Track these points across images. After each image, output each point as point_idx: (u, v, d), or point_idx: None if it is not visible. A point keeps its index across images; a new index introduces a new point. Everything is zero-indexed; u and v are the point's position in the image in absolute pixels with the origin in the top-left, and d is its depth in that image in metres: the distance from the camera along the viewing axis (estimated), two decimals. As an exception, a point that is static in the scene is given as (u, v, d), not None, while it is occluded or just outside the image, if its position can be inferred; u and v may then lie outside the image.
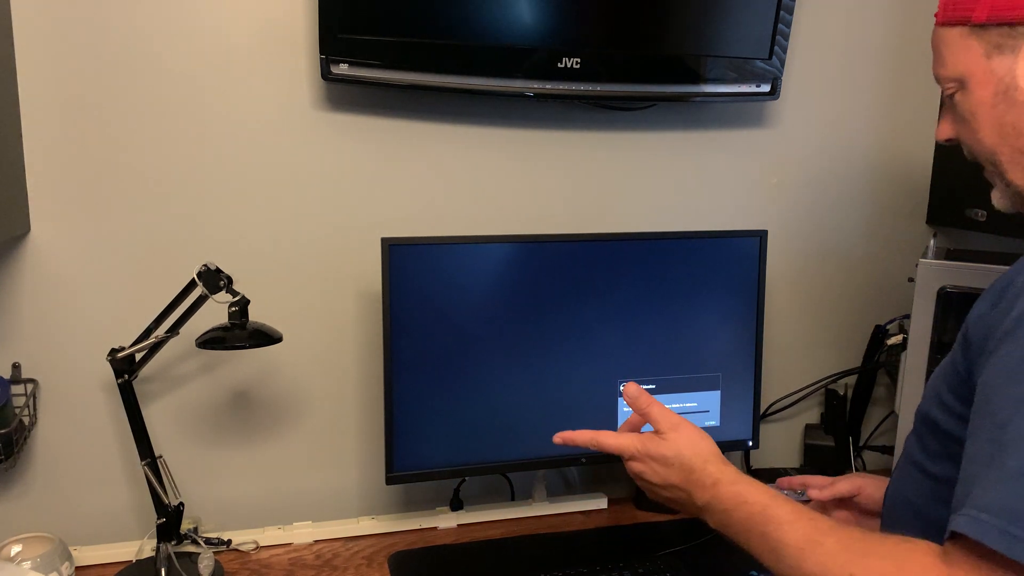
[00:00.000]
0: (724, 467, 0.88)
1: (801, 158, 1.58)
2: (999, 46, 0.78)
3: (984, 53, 0.79)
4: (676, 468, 0.90)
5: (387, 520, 1.38)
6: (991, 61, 0.79)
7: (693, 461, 0.89)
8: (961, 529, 0.65)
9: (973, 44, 0.80)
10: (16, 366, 1.24)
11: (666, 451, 0.90)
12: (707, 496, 0.87)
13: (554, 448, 1.32)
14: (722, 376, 1.40)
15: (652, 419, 0.94)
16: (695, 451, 0.90)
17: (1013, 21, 0.76)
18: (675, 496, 0.91)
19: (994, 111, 0.79)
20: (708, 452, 0.90)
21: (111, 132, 1.23)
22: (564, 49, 1.29)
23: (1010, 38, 0.77)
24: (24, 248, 1.23)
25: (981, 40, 0.79)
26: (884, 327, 1.60)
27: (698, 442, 0.91)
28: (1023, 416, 0.65)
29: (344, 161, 1.34)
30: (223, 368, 1.34)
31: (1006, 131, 0.79)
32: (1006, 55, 0.78)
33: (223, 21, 1.25)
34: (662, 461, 0.91)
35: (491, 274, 1.27)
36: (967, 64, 0.81)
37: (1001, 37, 0.77)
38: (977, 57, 0.80)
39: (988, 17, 0.78)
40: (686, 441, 0.91)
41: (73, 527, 1.28)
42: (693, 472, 0.89)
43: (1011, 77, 0.77)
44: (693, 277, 1.35)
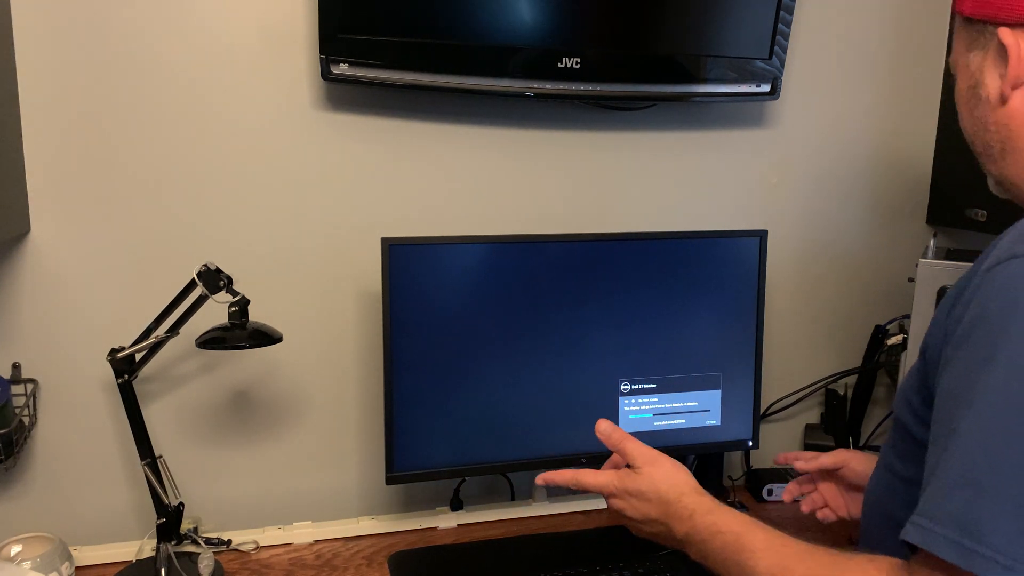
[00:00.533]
0: (700, 498, 0.89)
1: (801, 158, 1.58)
2: (975, 41, 0.80)
3: (966, 46, 0.82)
4: (654, 502, 0.91)
5: (387, 520, 1.38)
6: (968, 55, 0.81)
7: (669, 494, 0.90)
8: (912, 539, 0.66)
9: (962, 35, 0.83)
10: (16, 366, 1.24)
11: (643, 486, 0.92)
12: (685, 528, 0.88)
13: (554, 448, 1.34)
14: (723, 375, 1.40)
15: (627, 455, 0.95)
16: (671, 484, 0.91)
17: (985, 19, 0.78)
18: (656, 531, 0.92)
19: (967, 104, 0.83)
20: (684, 484, 0.91)
21: (111, 132, 1.23)
22: (564, 49, 1.29)
23: (982, 35, 0.79)
24: (24, 248, 1.23)
25: (966, 33, 0.82)
26: (884, 327, 1.60)
27: (674, 475, 0.92)
28: (972, 423, 0.65)
29: (344, 161, 1.34)
30: (223, 368, 1.34)
31: (976, 124, 0.82)
32: (978, 52, 0.80)
33: (223, 21, 1.25)
34: (639, 496, 0.92)
35: (491, 274, 1.27)
36: (956, 54, 0.84)
37: (977, 33, 0.80)
38: (962, 48, 0.83)
39: (971, 11, 0.80)
40: (662, 475, 0.92)
41: (73, 527, 1.28)
42: (670, 505, 0.90)
43: (980, 74, 0.80)
44: (693, 277, 1.35)
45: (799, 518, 1.46)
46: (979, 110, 0.81)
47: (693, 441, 1.40)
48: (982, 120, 0.81)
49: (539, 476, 1.01)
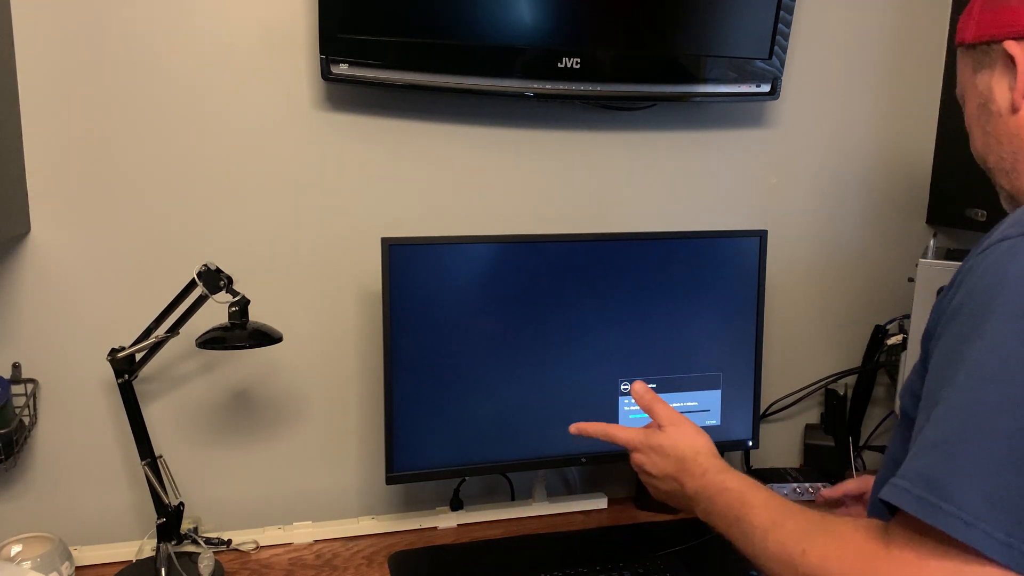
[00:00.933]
0: (714, 460, 0.95)
1: (801, 158, 1.58)
2: (981, 63, 0.85)
3: (972, 70, 0.87)
4: (672, 459, 0.97)
5: (387, 520, 1.38)
6: (976, 77, 0.86)
7: (686, 452, 0.96)
8: (886, 497, 0.68)
9: (966, 62, 0.88)
10: (16, 366, 1.24)
11: (663, 442, 0.98)
12: (696, 484, 0.93)
13: (554, 448, 1.34)
14: (723, 375, 1.40)
15: (655, 414, 1.02)
16: (689, 443, 0.97)
17: (989, 39, 0.84)
18: (670, 488, 0.98)
19: (979, 122, 0.87)
20: (702, 446, 0.97)
21: (111, 132, 1.23)
22: (564, 49, 1.29)
23: (987, 55, 0.84)
24: (24, 248, 1.23)
25: (970, 58, 0.87)
26: (884, 327, 1.60)
27: (694, 436, 0.98)
28: (951, 393, 0.67)
29: (344, 161, 1.34)
30: (223, 368, 1.34)
31: (989, 140, 0.86)
32: (985, 71, 0.85)
33: (223, 21, 1.25)
34: (659, 451, 0.98)
35: (491, 274, 1.27)
36: (963, 81, 0.89)
37: (982, 55, 0.85)
38: (969, 73, 0.88)
39: (974, 37, 0.85)
40: (682, 434, 0.99)
41: (73, 527, 1.29)
42: (685, 462, 0.96)
43: (988, 91, 0.85)
44: (693, 277, 1.35)
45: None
46: (990, 125, 0.85)
47: (693, 441, 1.39)
48: (994, 134, 0.85)
49: (572, 425, 1.07)
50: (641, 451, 1.01)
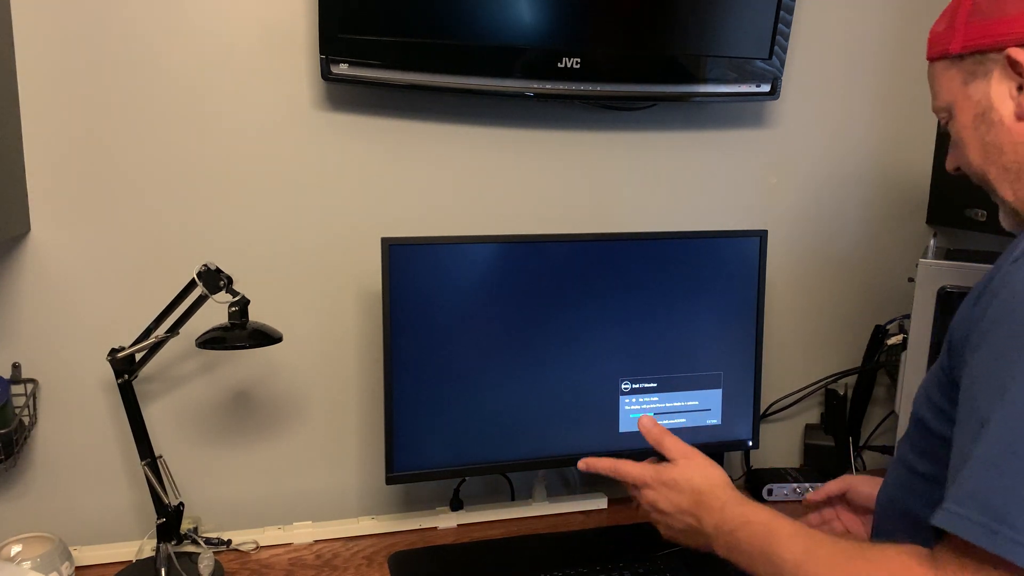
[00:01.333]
0: (732, 492, 0.92)
1: (801, 158, 1.58)
2: (973, 73, 0.84)
3: (962, 81, 0.85)
4: (687, 493, 0.94)
5: (387, 520, 1.38)
6: (968, 87, 0.85)
7: (702, 485, 0.93)
8: (940, 524, 0.67)
9: (954, 74, 0.86)
10: (16, 366, 1.24)
11: (677, 476, 0.95)
12: (715, 519, 0.90)
13: (554, 448, 1.34)
14: (723, 375, 1.40)
15: (665, 449, 0.99)
16: (704, 476, 0.94)
17: (983, 48, 0.83)
18: (685, 525, 0.95)
19: (976, 133, 0.85)
20: (717, 478, 0.94)
21: (111, 132, 1.23)
22: (564, 49, 1.29)
23: (981, 64, 0.83)
24: (24, 248, 1.23)
25: (959, 69, 0.85)
26: (884, 327, 1.60)
27: (708, 469, 0.95)
28: (1003, 412, 0.66)
29: (344, 161, 1.34)
30: (223, 368, 1.34)
31: (989, 151, 0.84)
32: (980, 80, 0.84)
33: (223, 21, 1.25)
34: (673, 486, 0.95)
35: (491, 274, 1.27)
36: (951, 93, 0.87)
37: (974, 64, 0.84)
38: (958, 85, 0.86)
39: (962, 47, 0.84)
40: (696, 468, 0.95)
41: (73, 527, 1.29)
42: (703, 495, 0.93)
43: (987, 100, 0.83)
44: (693, 277, 1.35)
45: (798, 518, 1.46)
46: (991, 135, 0.83)
47: (694, 441, 1.38)
48: (996, 144, 0.83)
49: (581, 461, 1.05)
50: (653, 487, 0.96)
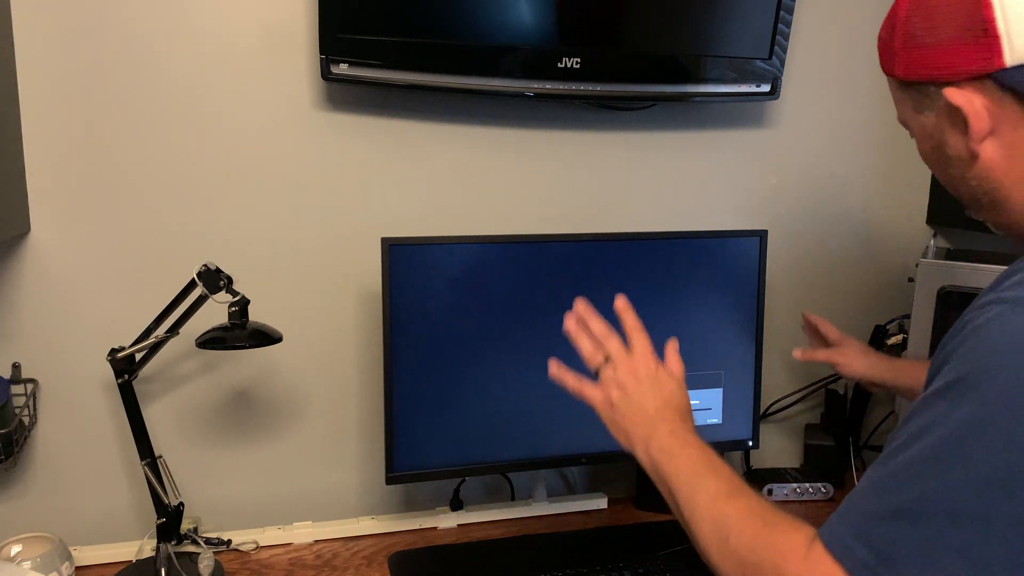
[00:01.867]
0: (690, 421, 0.94)
1: (801, 158, 1.58)
2: (921, 103, 0.77)
3: (913, 108, 0.78)
4: (666, 390, 0.94)
5: (387, 520, 1.38)
6: (919, 116, 0.78)
7: (681, 393, 0.95)
8: (824, 540, 0.70)
9: (904, 97, 0.79)
10: (16, 366, 1.24)
11: (671, 374, 0.97)
12: (671, 427, 0.91)
13: (554, 448, 1.34)
14: (724, 374, 1.40)
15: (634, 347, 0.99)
16: (683, 393, 0.96)
17: (924, 80, 0.75)
18: (638, 407, 0.93)
19: (937, 164, 0.80)
20: (687, 402, 0.96)
21: (111, 132, 1.23)
22: (564, 49, 1.29)
23: (927, 96, 0.76)
24: (24, 248, 1.23)
25: (908, 95, 0.78)
26: (884, 327, 1.60)
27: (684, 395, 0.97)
28: (917, 451, 0.66)
29: (344, 161, 1.34)
30: (223, 368, 1.34)
31: (955, 180, 0.79)
32: (929, 112, 0.76)
33: (223, 21, 1.25)
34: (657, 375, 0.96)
35: (491, 274, 1.27)
36: (905, 116, 0.81)
37: (921, 95, 0.76)
38: (910, 111, 0.79)
39: (904, 75, 0.77)
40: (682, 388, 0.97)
41: (73, 527, 1.29)
42: (676, 397, 0.94)
43: (940, 134, 0.76)
44: (693, 277, 1.35)
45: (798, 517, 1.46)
46: (953, 168, 0.78)
47: (693, 441, 1.39)
48: (960, 177, 0.78)
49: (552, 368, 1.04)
50: (634, 360, 0.97)
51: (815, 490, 1.53)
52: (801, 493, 1.53)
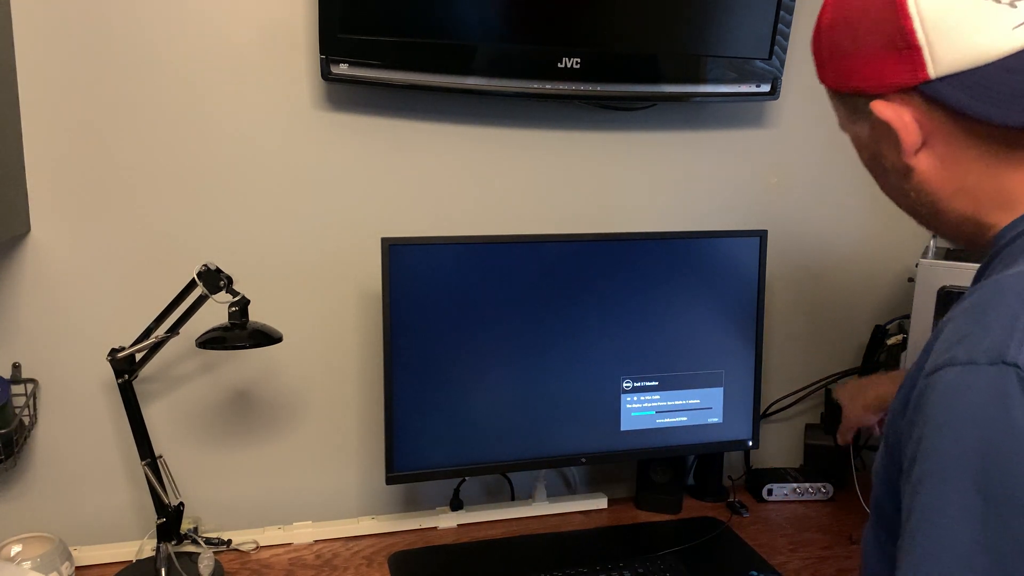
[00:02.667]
0: None
1: (801, 158, 1.58)
2: (854, 113, 0.74)
3: (848, 118, 0.76)
4: None
5: (387, 520, 1.38)
6: (855, 126, 0.76)
7: None
8: None
9: (839, 107, 0.77)
10: (16, 366, 1.24)
11: None
12: None
13: (554, 448, 1.34)
14: (724, 373, 1.40)
15: None
16: None
17: (852, 92, 0.72)
18: None
19: (876, 174, 0.78)
20: None
21: (111, 132, 1.23)
22: (564, 49, 1.29)
23: (858, 108, 0.73)
24: (24, 248, 1.23)
25: (843, 104, 0.76)
26: (884, 327, 1.60)
27: None
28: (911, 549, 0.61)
29: (344, 161, 1.34)
30: (223, 368, 1.34)
31: (895, 192, 0.77)
32: (863, 123, 0.74)
33: (223, 21, 1.25)
34: None
35: (491, 274, 1.27)
36: (842, 123, 0.78)
37: (853, 105, 0.74)
38: (846, 120, 0.77)
39: (834, 85, 0.74)
40: None
41: (73, 527, 1.29)
42: None
43: (875, 146, 0.74)
44: (693, 277, 1.35)
45: (798, 518, 1.47)
46: (891, 179, 0.75)
47: (695, 438, 1.40)
48: (898, 188, 0.76)
49: None
50: None
51: (815, 490, 1.53)
52: (801, 493, 1.53)
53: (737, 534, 1.38)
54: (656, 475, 1.47)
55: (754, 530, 1.40)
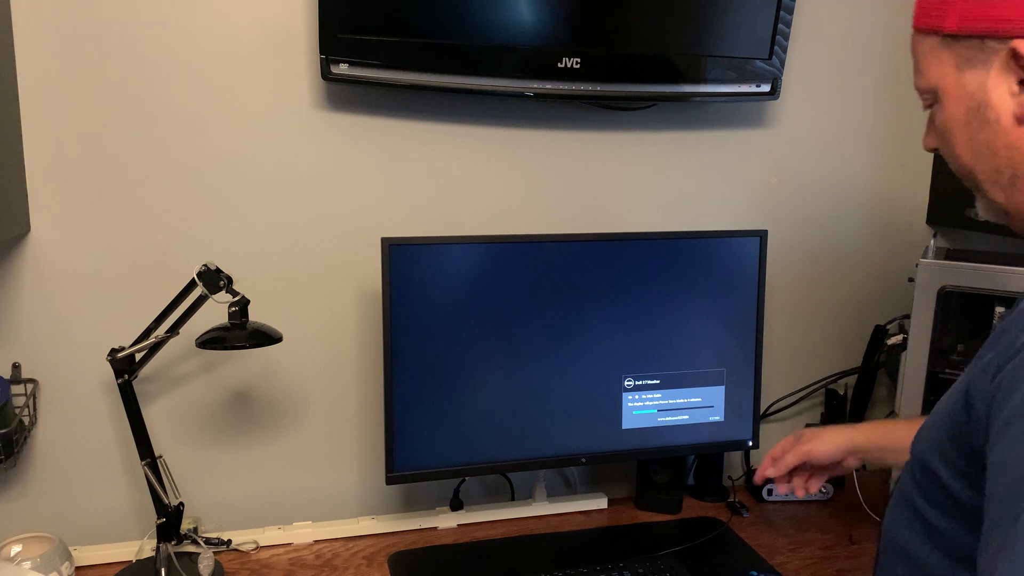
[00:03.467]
0: None
1: (801, 158, 1.58)
2: (970, 60, 0.72)
3: (956, 66, 0.73)
4: None
5: (387, 520, 1.38)
6: (962, 75, 0.73)
7: None
8: None
9: (945, 56, 0.74)
10: (16, 366, 1.24)
11: None
12: None
13: (554, 448, 1.34)
14: (726, 372, 1.40)
15: None
16: None
17: (983, 33, 0.70)
18: None
19: (967, 129, 0.74)
20: None
21: (111, 132, 1.23)
22: (564, 49, 1.29)
23: (980, 51, 0.71)
24: (24, 248, 1.23)
25: (952, 52, 0.73)
26: (884, 327, 1.60)
27: None
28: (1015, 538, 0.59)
29: (344, 161, 1.34)
30: (223, 368, 1.34)
31: (980, 150, 0.74)
32: (977, 69, 0.72)
33: (223, 21, 1.25)
34: None
35: (491, 274, 1.27)
36: (940, 76, 0.75)
37: (972, 50, 0.71)
38: (950, 70, 0.74)
39: (958, 27, 0.72)
40: None
41: (73, 527, 1.29)
42: None
43: (983, 94, 0.72)
44: (693, 277, 1.35)
45: (798, 518, 1.47)
46: (984, 134, 0.73)
47: (696, 437, 1.40)
48: (988, 145, 0.73)
49: None
50: None
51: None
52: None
53: (737, 534, 1.38)
54: (656, 475, 1.47)
55: (754, 530, 1.40)
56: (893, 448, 1.11)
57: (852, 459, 1.17)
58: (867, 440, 1.15)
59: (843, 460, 1.16)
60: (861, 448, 1.15)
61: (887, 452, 1.13)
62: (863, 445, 1.14)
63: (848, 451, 1.15)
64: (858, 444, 1.14)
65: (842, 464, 1.17)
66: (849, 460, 1.17)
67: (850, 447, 1.15)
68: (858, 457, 1.16)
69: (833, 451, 1.15)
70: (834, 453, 1.15)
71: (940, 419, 0.76)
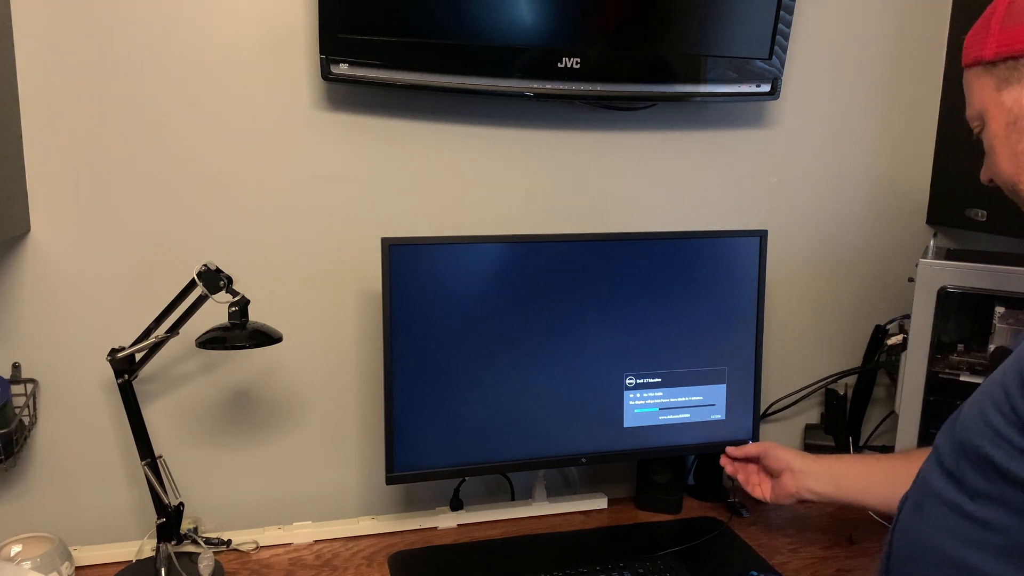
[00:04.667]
0: None
1: (801, 158, 1.58)
2: (1007, 79, 0.84)
3: (995, 87, 0.85)
4: None
5: (387, 520, 1.38)
6: (1001, 94, 0.84)
7: None
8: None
9: (986, 80, 0.86)
10: (16, 366, 1.24)
11: None
12: None
13: (554, 448, 1.34)
14: (727, 370, 1.40)
15: None
16: None
17: (1017, 54, 0.82)
18: None
19: (1007, 141, 0.84)
20: None
21: (111, 132, 1.23)
22: (564, 49, 1.29)
23: (1015, 70, 0.83)
24: (24, 248, 1.23)
25: (992, 76, 0.85)
26: (884, 327, 1.60)
27: None
28: None
29: (344, 161, 1.34)
30: (223, 368, 1.34)
31: (1020, 159, 0.84)
32: (1013, 87, 0.83)
33: (223, 21, 1.25)
34: None
35: (491, 274, 1.27)
36: (983, 100, 0.87)
37: (1008, 70, 0.83)
38: (990, 92, 0.85)
39: (996, 53, 0.84)
40: None
41: (73, 527, 1.29)
42: None
43: (1019, 107, 0.83)
44: (693, 277, 1.35)
45: (798, 518, 1.47)
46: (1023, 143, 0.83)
47: (697, 436, 1.40)
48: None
49: None
50: None
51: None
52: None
53: (737, 534, 1.38)
54: (656, 475, 1.47)
55: (754, 530, 1.40)
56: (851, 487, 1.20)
57: (789, 477, 1.24)
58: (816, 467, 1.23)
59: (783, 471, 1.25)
60: (803, 470, 1.23)
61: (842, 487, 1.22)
62: (804, 468, 1.23)
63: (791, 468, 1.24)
64: (801, 466, 1.24)
65: (782, 480, 1.26)
66: (786, 476, 1.25)
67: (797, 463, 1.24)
68: (798, 477, 1.23)
69: (785, 455, 1.25)
70: (784, 456, 1.25)
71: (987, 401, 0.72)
